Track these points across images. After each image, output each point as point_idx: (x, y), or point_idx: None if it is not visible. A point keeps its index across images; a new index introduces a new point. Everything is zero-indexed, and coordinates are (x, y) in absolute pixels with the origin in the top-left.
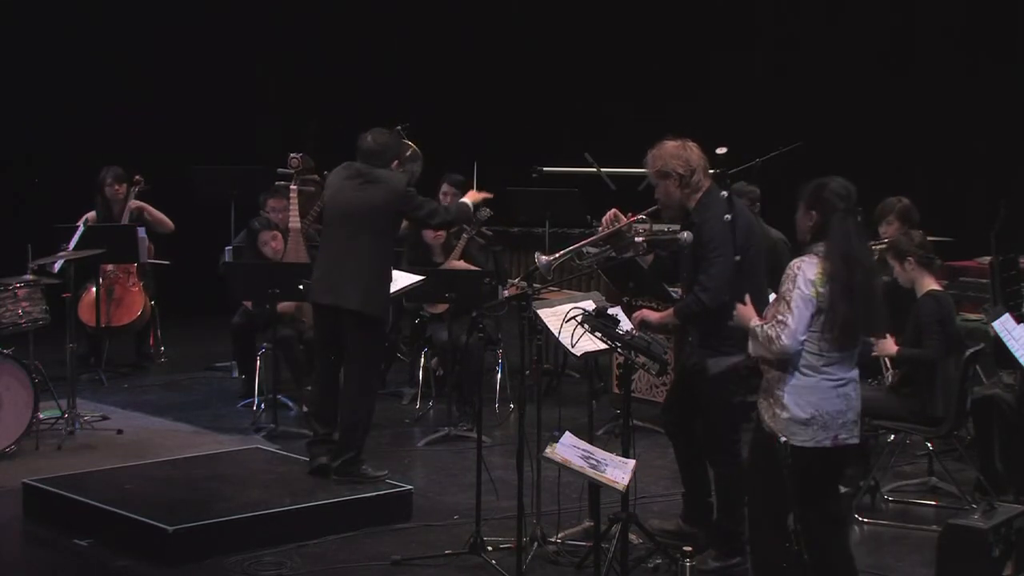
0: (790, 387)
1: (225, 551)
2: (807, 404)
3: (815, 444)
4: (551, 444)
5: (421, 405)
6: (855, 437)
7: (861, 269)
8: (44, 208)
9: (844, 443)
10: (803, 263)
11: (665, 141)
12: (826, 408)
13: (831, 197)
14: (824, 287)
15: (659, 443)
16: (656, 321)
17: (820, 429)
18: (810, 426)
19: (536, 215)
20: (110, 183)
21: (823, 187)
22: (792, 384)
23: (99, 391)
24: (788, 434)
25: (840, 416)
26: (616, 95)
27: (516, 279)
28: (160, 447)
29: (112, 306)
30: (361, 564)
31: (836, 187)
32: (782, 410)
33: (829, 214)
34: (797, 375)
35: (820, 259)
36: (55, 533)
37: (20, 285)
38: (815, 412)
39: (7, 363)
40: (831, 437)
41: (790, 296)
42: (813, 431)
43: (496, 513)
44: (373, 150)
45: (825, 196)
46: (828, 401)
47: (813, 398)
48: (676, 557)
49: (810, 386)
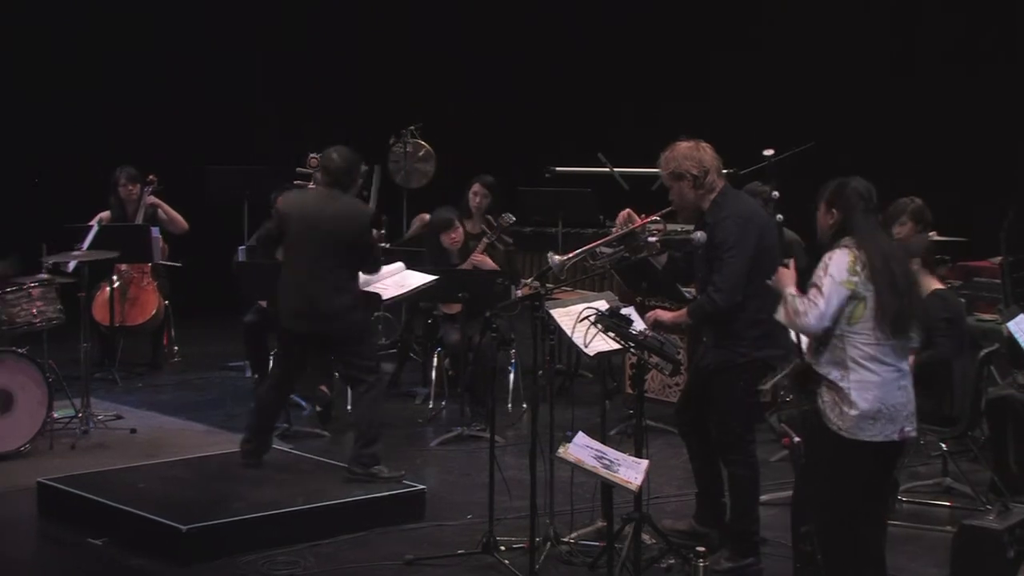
0: (855, 383)
1: (239, 550)
2: (874, 399)
3: (884, 438)
4: (564, 444)
5: (434, 405)
6: (915, 430)
7: (897, 262)
8: (58, 207)
9: (908, 435)
10: (835, 254)
11: (678, 142)
12: (891, 401)
13: (852, 196)
14: (857, 275)
15: (672, 443)
16: (669, 321)
17: (888, 423)
18: (878, 420)
19: (549, 215)
20: (124, 183)
21: (844, 186)
22: (856, 380)
23: (113, 390)
24: (856, 431)
25: (903, 408)
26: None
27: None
28: (174, 446)
29: (126, 305)
30: (374, 564)
31: (857, 186)
32: (850, 407)
33: (852, 212)
34: (861, 370)
35: (850, 249)
36: (69, 532)
37: (35, 284)
38: (881, 405)
39: (22, 362)
40: (899, 430)
41: (822, 282)
42: (881, 425)
43: (509, 513)
44: (340, 168)
45: (847, 194)
46: (892, 394)
47: (879, 392)
48: (689, 557)
49: (875, 381)
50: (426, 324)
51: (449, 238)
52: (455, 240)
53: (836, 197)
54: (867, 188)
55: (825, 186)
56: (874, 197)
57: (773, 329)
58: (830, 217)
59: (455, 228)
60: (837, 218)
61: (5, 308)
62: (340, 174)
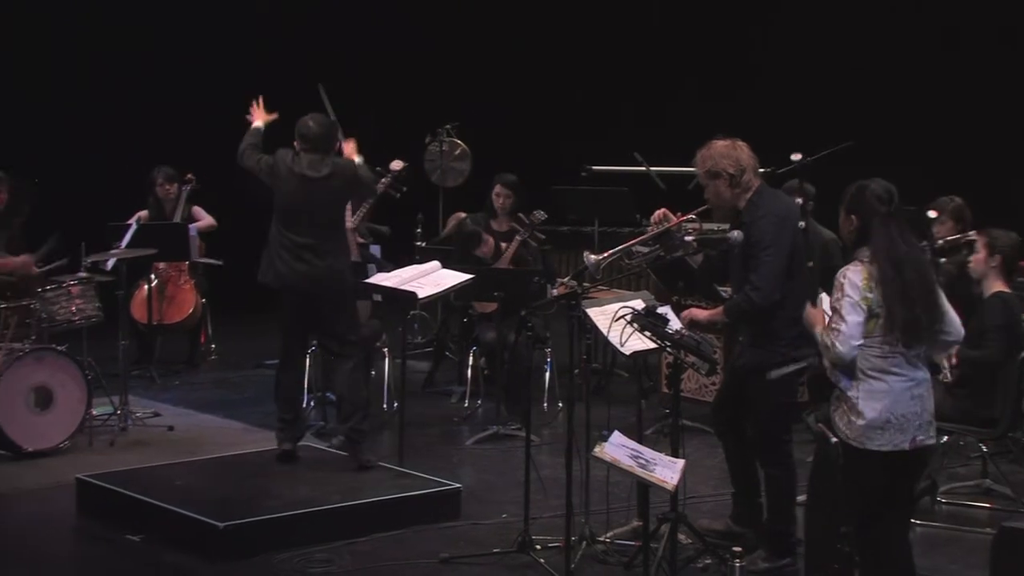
0: (864, 393)
1: (275, 548)
2: (882, 408)
3: (893, 448)
4: (600, 443)
5: (470, 404)
6: (931, 437)
7: (911, 268)
8: (97, 207)
9: (922, 444)
10: (848, 271)
11: (715, 141)
12: (900, 411)
13: (871, 200)
14: (872, 292)
15: (708, 443)
16: (705, 319)
17: (897, 432)
18: (887, 430)
19: (585, 214)
20: (161, 182)
21: (863, 190)
22: (865, 390)
23: (151, 388)
24: (864, 440)
25: (916, 418)
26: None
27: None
28: (211, 444)
29: (164, 304)
30: (410, 562)
31: (876, 189)
32: (857, 417)
33: (870, 218)
34: (870, 381)
35: (864, 264)
36: (108, 528)
37: (74, 283)
38: (890, 416)
39: (61, 360)
40: (909, 439)
41: (840, 304)
42: (890, 435)
43: (544, 512)
44: (318, 136)
45: (865, 199)
46: (902, 404)
47: (887, 401)
48: (726, 557)
49: (883, 390)
50: (462, 323)
51: (482, 252)
52: (486, 252)
53: (855, 202)
54: (886, 190)
55: (845, 191)
56: (895, 198)
57: None
58: (850, 223)
59: (485, 243)
60: (856, 224)
61: (45, 306)
62: (319, 139)
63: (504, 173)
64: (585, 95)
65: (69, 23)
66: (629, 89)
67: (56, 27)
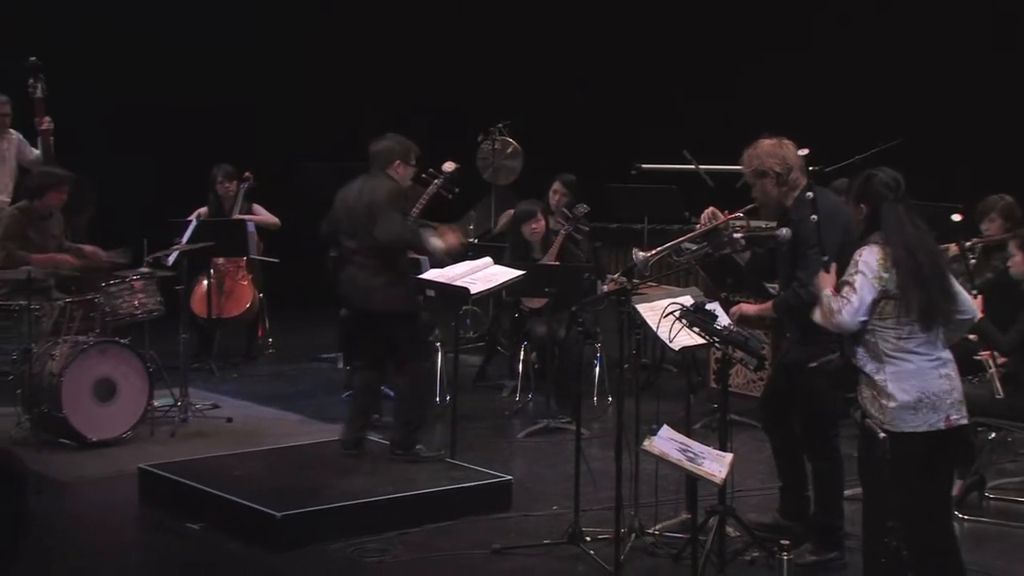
0: (891, 375)
1: (330, 537)
2: (911, 388)
3: (928, 428)
4: (649, 437)
5: (520, 397)
6: (964, 417)
7: (923, 251)
8: (159, 204)
9: (957, 423)
10: (864, 251)
11: (762, 140)
12: (931, 389)
13: (879, 188)
14: (887, 272)
15: (756, 437)
16: (754, 315)
17: (931, 411)
18: (919, 410)
19: (635, 212)
20: (220, 180)
21: (870, 179)
22: (892, 372)
23: (210, 380)
24: (899, 422)
25: (947, 396)
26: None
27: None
28: (268, 435)
29: (223, 298)
30: (462, 552)
31: (883, 178)
32: (888, 400)
33: (878, 204)
34: (896, 362)
35: (879, 245)
36: (169, 517)
37: (136, 278)
38: (920, 394)
39: (124, 352)
40: (943, 418)
41: (854, 279)
42: (924, 414)
43: (594, 504)
44: (374, 153)
45: (873, 187)
46: (931, 382)
47: (916, 381)
48: (773, 550)
49: (911, 370)
50: (513, 318)
51: (530, 228)
52: (535, 231)
53: (862, 191)
54: (894, 178)
55: (851, 181)
56: (902, 186)
57: None
58: (859, 212)
59: (537, 219)
60: (866, 211)
61: (109, 300)
62: (374, 156)
63: (564, 173)
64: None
65: (131, 24)
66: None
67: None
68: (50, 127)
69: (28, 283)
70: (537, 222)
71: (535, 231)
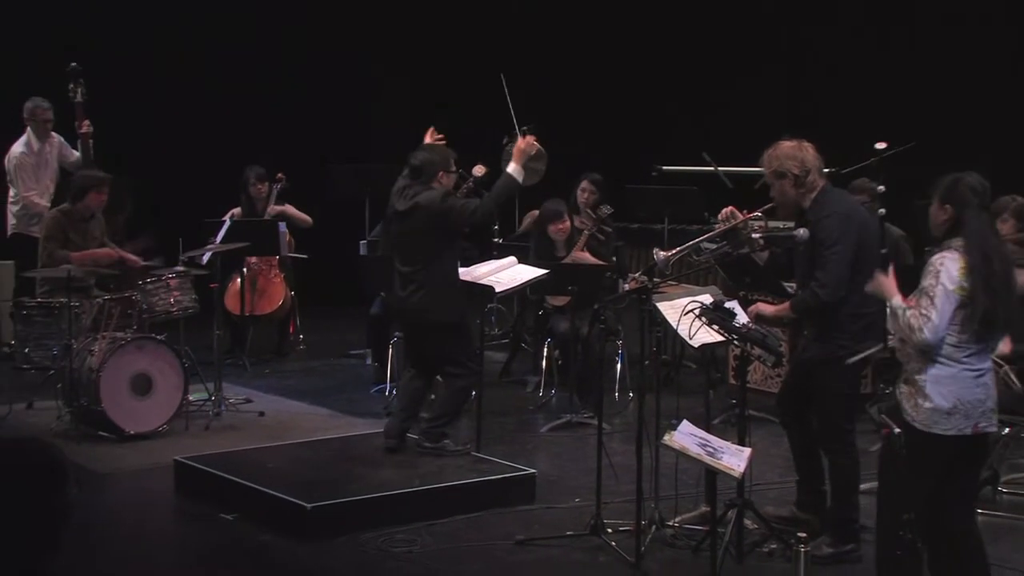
0: (931, 377)
1: (359, 528)
2: (949, 394)
3: (957, 432)
4: (669, 432)
5: (544, 393)
6: (993, 425)
7: (999, 261)
8: (194, 204)
9: (983, 431)
10: (946, 259)
11: (781, 142)
12: (967, 398)
13: (965, 192)
14: (967, 281)
15: (774, 432)
16: (771, 314)
17: (962, 418)
18: (953, 416)
19: (655, 212)
20: (253, 182)
21: (958, 181)
22: (933, 374)
23: (243, 375)
24: (931, 423)
25: (980, 405)
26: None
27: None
28: (299, 429)
29: (255, 296)
30: (487, 543)
31: (972, 182)
32: (924, 400)
33: (963, 208)
34: (938, 366)
35: (961, 254)
36: (203, 507)
37: (172, 276)
38: (957, 401)
39: (160, 348)
40: (972, 425)
41: (934, 292)
42: (956, 420)
43: (616, 497)
44: (415, 167)
45: (960, 190)
46: (968, 391)
47: (954, 387)
48: (791, 543)
49: (951, 376)
50: (537, 316)
51: (555, 227)
52: (560, 230)
53: (950, 193)
54: (981, 184)
55: (939, 181)
56: (988, 193)
57: (874, 322)
58: (943, 213)
59: (563, 219)
60: (951, 214)
61: (146, 297)
62: (417, 171)
63: (591, 172)
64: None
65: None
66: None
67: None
68: (90, 130)
69: (68, 281)
70: (563, 222)
71: (561, 230)
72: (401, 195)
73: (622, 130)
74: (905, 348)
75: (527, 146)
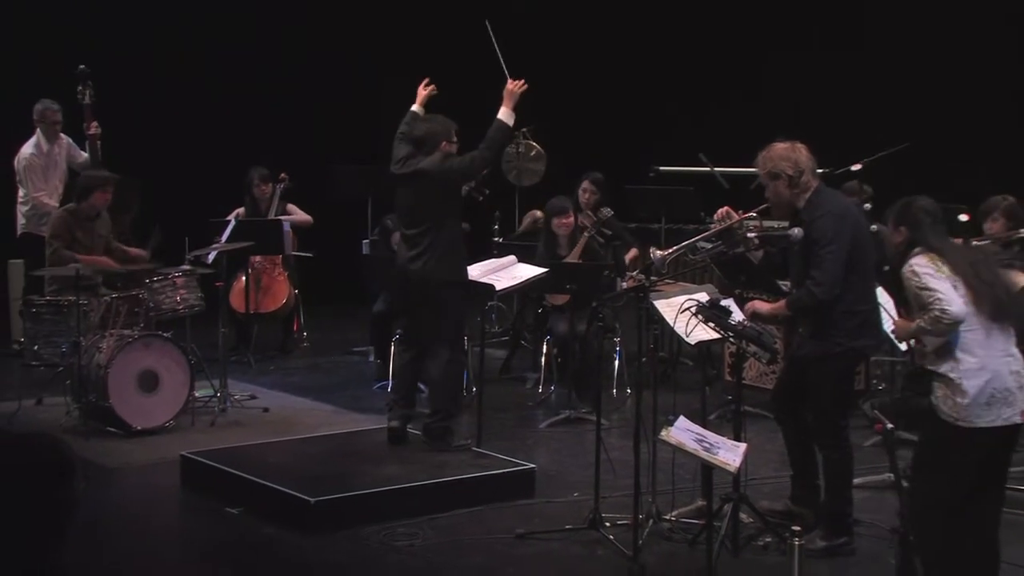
0: (965, 372)
1: (362, 522)
2: (984, 383)
3: (1004, 422)
4: (666, 427)
5: (543, 389)
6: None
7: (975, 252)
8: (199, 204)
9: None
10: (912, 262)
11: (775, 144)
12: (1002, 384)
13: (918, 213)
14: (942, 266)
15: (769, 428)
16: (767, 312)
17: (1004, 406)
18: (993, 405)
19: (653, 212)
20: (257, 183)
21: (910, 204)
22: (965, 368)
23: (248, 372)
24: (973, 418)
25: (1020, 391)
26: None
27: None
28: (303, 424)
29: (260, 294)
30: (487, 536)
31: (924, 204)
32: (962, 396)
33: (916, 229)
34: (968, 358)
35: (923, 252)
36: (209, 501)
37: (178, 274)
38: (993, 390)
39: (167, 345)
40: (1019, 412)
41: (924, 283)
42: (998, 409)
43: (614, 491)
44: (418, 138)
45: (912, 212)
46: (1002, 378)
47: (989, 375)
48: (785, 536)
49: (978, 365)
50: (536, 314)
51: (559, 221)
52: (564, 224)
53: (902, 216)
54: (932, 205)
55: (892, 206)
56: (939, 214)
57: (868, 319)
58: (899, 235)
59: (567, 214)
60: (905, 235)
61: (152, 296)
62: (420, 142)
63: (593, 172)
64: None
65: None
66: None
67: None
68: (98, 132)
69: (77, 280)
70: (567, 217)
71: (564, 225)
72: (404, 164)
73: (622, 131)
74: (930, 354)
75: (516, 87)
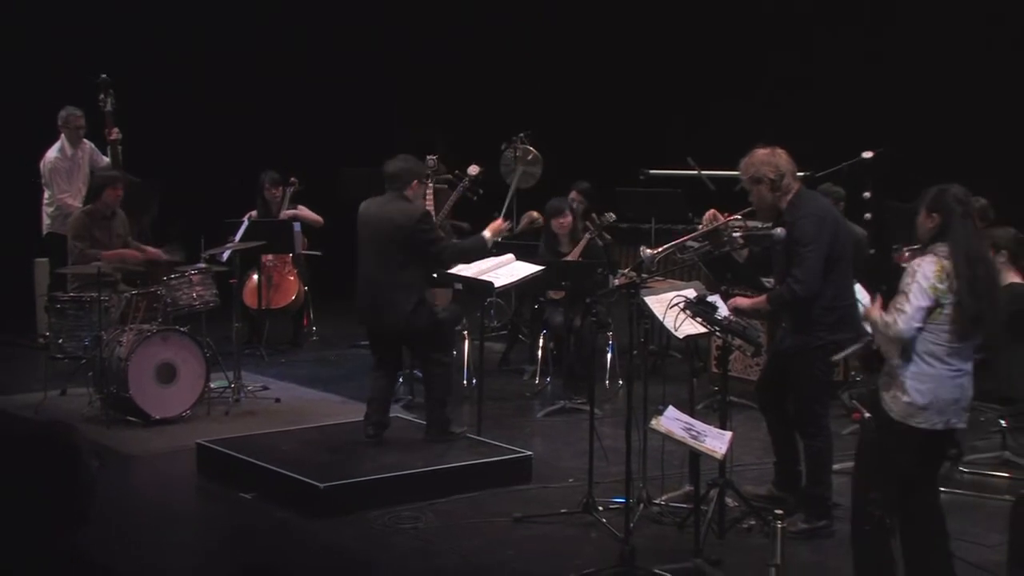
0: (912, 374)
1: (368, 506)
2: (927, 391)
3: (929, 427)
4: (656, 417)
5: (540, 381)
6: (963, 422)
7: (982, 265)
8: (215, 206)
9: (954, 427)
10: (923, 261)
11: (756, 149)
12: (943, 396)
13: (951, 201)
14: (942, 283)
15: (753, 417)
16: (748, 308)
17: (935, 414)
18: (927, 411)
19: (643, 213)
20: (268, 186)
21: (944, 192)
22: (914, 371)
23: (260, 365)
24: (907, 417)
25: (955, 404)
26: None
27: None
28: (312, 414)
29: (271, 291)
30: (486, 520)
31: (956, 192)
32: (903, 394)
33: (949, 217)
34: (920, 363)
35: (938, 258)
36: (223, 487)
37: (194, 272)
38: (932, 399)
39: (184, 339)
40: (944, 421)
41: (909, 289)
42: (928, 415)
43: (606, 477)
44: (392, 174)
45: (946, 200)
46: (945, 389)
47: (932, 385)
48: (768, 519)
49: (931, 374)
50: (533, 309)
51: (557, 222)
52: (562, 224)
53: (936, 202)
54: (964, 194)
55: (926, 191)
56: (971, 204)
57: (847, 314)
58: (930, 221)
59: (564, 215)
60: (937, 222)
61: (170, 292)
62: (393, 178)
63: (580, 181)
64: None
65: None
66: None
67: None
68: (118, 137)
69: (98, 277)
70: (564, 217)
71: (562, 225)
72: (376, 203)
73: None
74: (890, 345)
75: (502, 228)
